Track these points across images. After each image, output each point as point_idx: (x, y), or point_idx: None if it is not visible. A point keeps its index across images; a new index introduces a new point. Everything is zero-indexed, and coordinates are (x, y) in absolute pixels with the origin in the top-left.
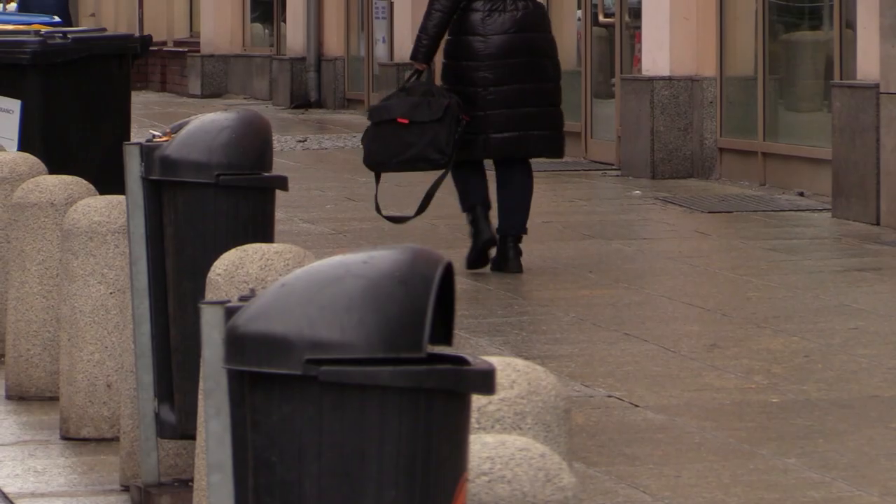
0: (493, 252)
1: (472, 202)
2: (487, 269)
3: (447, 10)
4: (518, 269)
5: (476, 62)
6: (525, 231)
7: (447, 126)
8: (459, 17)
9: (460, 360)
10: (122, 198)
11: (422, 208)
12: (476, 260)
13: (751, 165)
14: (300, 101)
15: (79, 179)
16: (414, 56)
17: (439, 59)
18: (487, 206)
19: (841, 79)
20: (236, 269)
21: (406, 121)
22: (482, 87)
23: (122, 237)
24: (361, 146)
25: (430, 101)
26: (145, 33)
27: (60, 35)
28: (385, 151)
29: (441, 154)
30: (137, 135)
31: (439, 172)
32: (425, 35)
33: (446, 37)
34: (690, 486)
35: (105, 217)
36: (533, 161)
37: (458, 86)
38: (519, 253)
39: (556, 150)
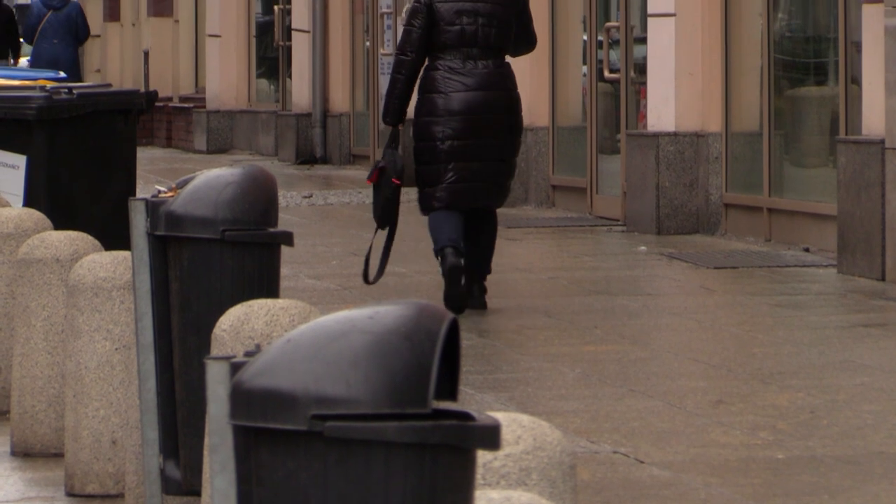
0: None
1: (442, 244)
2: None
3: (410, 74)
4: (482, 305)
5: (435, 118)
6: (489, 271)
7: (380, 189)
8: (423, 76)
9: (465, 416)
10: (127, 253)
11: (379, 269)
12: (453, 297)
13: (756, 221)
14: (306, 157)
15: (84, 235)
16: (384, 118)
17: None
18: (459, 245)
19: (846, 134)
20: (242, 324)
21: (369, 181)
22: (439, 140)
23: (128, 293)
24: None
25: (374, 166)
26: (151, 89)
27: (66, 90)
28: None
29: (375, 214)
30: (143, 190)
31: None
32: (390, 98)
33: (415, 95)
34: None
35: (110, 273)
36: (536, 216)
37: (421, 141)
38: (483, 290)
39: (501, 202)
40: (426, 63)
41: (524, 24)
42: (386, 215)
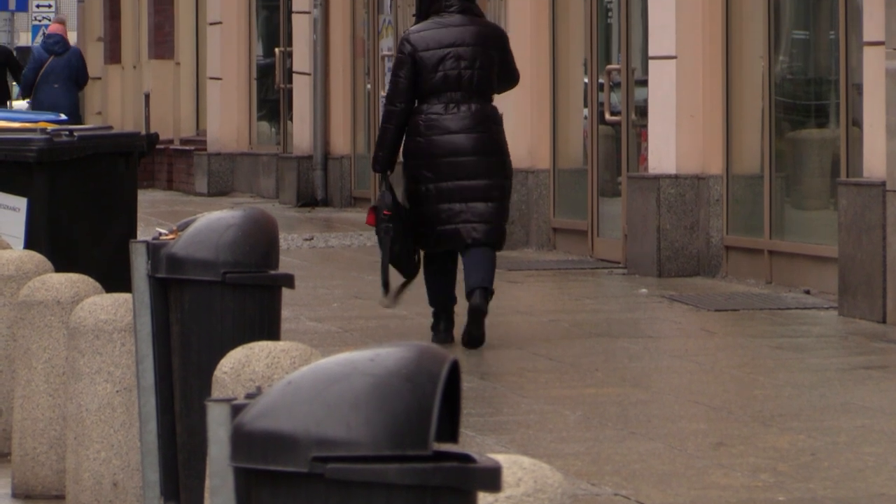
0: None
1: (435, 302)
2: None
3: (399, 124)
4: (479, 343)
5: (420, 161)
6: (491, 286)
7: (379, 227)
8: (410, 120)
9: (466, 458)
10: (128, 296)
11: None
12: (443, 340)
13: (757, 263)
14: (307, 200)
15: (85, 277)
16: (373, 167)
17: None
18: (450, 303)
19: (847, 176)
20: (243, 366)
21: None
22: (424, 183)
23: (129, 335)
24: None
25: (369, 211)
26: (152, 131)
27: (67, 133)
28: None
29: (384, 249)
30: (144, 233)
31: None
32: (380, 147)
33: (405, 138)
34: None
35: (111, 315)
36: (537, 259)
37: (411, 184)
38: (490, 294)
39: (495, 243)
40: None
41: (506, 63)
42: (385, 247)
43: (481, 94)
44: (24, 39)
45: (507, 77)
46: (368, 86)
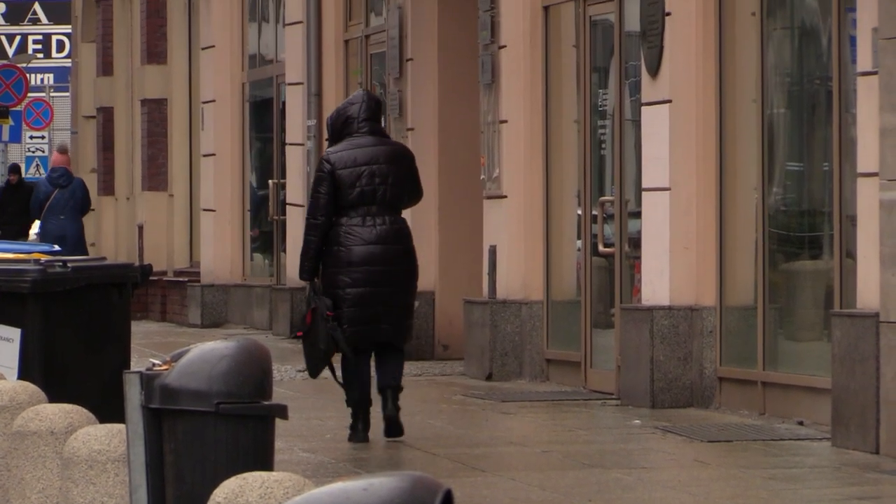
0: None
1: (353, 402)
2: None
3: (321, 235)
4: (399, 432)
5: (340, 269)
6: (400, 382)
7: (319, 327)
8: (331, 232)
9: None
10: (122, 426)
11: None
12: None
13: (750, 394)
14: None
15: (79, 408)
16: (300, 276)
17: None
18: (367, 404)
19: (841, 307)
20: (236, 497)
21: (301, 333)
22: (343, 288)
23: (123, 466)
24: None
25: (305, 311)
26: (145, 262)
27: (60, 264)
28: None
29: (319, 350)
30: (137, 363)
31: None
32: (305, 258)
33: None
34: None
35: (105, 445)
36: (531, 390)
37: (329, 289)
38: (396, 412)
39: (402, 340)
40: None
41: (414, 180)
42: (330, 347)
43: (394, 208)
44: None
45: (414, 193)
46: None
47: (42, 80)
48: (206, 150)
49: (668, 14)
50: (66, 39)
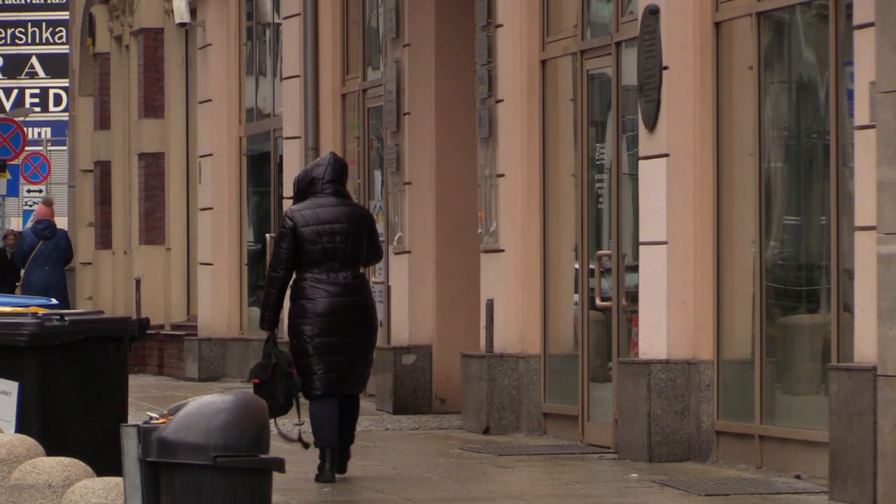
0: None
1: (321, 446)
2: None
3: (281, 288)
4: (332, 478)
5: (305, 320)
6: (353, 439)
7: (278, 381)
8: (294, 286)
9: None
10: (119, 479)
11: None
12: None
13: (748, 448)
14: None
15: (76, 461)
16: (261, 325)
17: None
18: (336, 446)
19: (838, 361)
20: None
21: (257, 380)
22: (309, 338)
23: None
24: None
25: (266, 364)
26: (142, 316)
27: (58, 317)
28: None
29: (277, 403)
30: (135, 417)
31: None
32: (266, 309)
33: (289, 301)
34: None
35: (102, 499)
36: (528, 444)
37: (295, 339)
38: (347, 457)
39: (362, 389)
40: (296, 275)
41: (373, 239)
42: (289, 401)
43: (354, 264)
44: (14, 224)
45: (373, 251)
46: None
47: (39, 133)
48: (204, 204)
49: (666, 68)
50: (63, 93)
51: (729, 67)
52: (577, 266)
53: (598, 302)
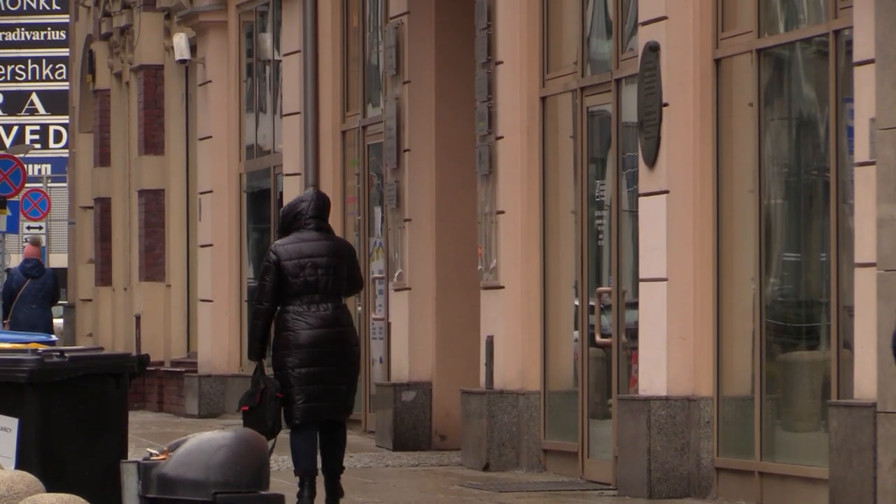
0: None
1: (300, 473)
2: None
3: (266, 320)
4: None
5: (288, 350)
6: (342, 468)
7: (267, 406)
8: (277, 318)
9: None
10: None
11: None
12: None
13: (748, 485)
14: None
15: (76, 498)
16: (249, 356)
17: None
18: (314, 474)
19: (838, 398)
20: None
21: (246, 407)
22: (291, 369)
23: None
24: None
25: (254, 391)
26: (142, 353)
27: (58, 354)
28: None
29: (266, 427)
30: (134, 453)
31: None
32: (253, 340)
33: (273, 333)
34: None
35: None
36: (528, 480)
37: (279, 370)
38: (340, 493)
39: (346, 415)
40: (279, 308)
41: (354, 272)
42: (277, 426)
43: (335, 295)
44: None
45: (354, 283)
46: (360, 308)
47: (40, 170)
48: (204, 241)
49: (666, 105)
50: (63, 130)
51: (729, 104)
52: (577, 302)
53: (598, 338)
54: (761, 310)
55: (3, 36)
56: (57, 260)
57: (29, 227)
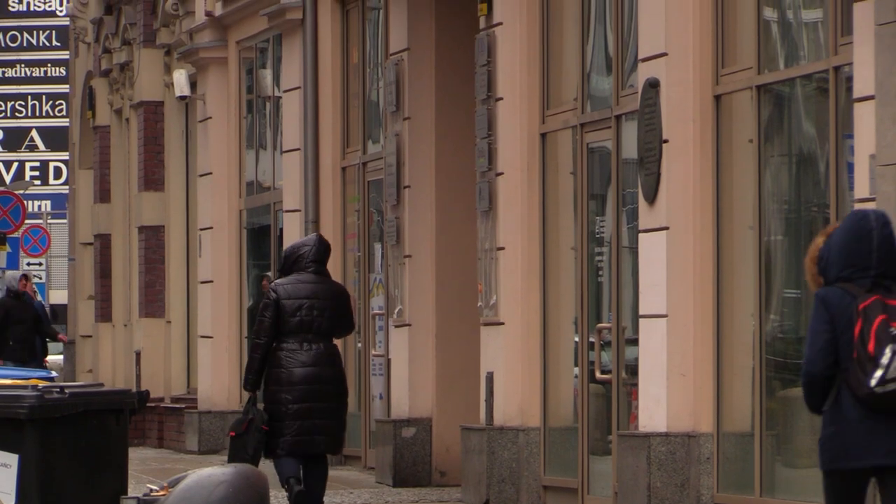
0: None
1: (287, 476)
2: None
3: (264, 354)
4: (302, 485)
5: (281, 387)
6: (323, 497)
7: (251, 435)
8: (272, 353)
9: None
10: None
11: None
12: None
13: None
14: None
15: None
16: (244, 386)
17: None
18: (300, 478)
19: None
20: None
21: (233, 433)
22: (283, 405)
23: None
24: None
25: (243, 419)
26: (142, 389)
27: (58, 390)
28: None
29: (247, 454)
30: (135, 489)
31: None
32: (249, 372)
33: (267, 368)
34: None
35: None
36: None
37: (271, 405)
38: None
39: (336, 449)
40: (274, 344)
41: (347, 315)
42: (258, 454)
43: (328, 336)
44: None
45: (346, 325)
46: (360, 344)
47: (39, 206)
48: (204, 277)
49: (666, 141)
50: (63, 166)
51: (729, 140)
52: (576, 339)
53: (598, 375)
54: (761, 346)
55: (4, 72)
56: (57, 296)
57: (28, 264)
